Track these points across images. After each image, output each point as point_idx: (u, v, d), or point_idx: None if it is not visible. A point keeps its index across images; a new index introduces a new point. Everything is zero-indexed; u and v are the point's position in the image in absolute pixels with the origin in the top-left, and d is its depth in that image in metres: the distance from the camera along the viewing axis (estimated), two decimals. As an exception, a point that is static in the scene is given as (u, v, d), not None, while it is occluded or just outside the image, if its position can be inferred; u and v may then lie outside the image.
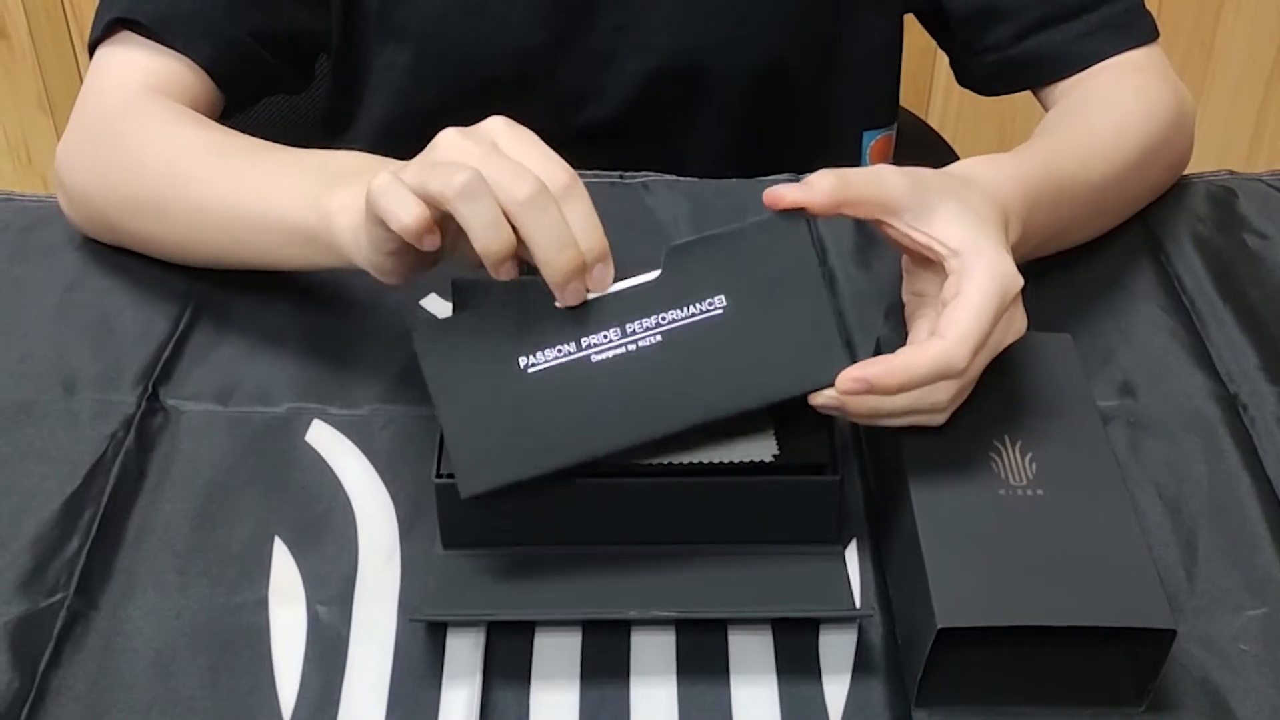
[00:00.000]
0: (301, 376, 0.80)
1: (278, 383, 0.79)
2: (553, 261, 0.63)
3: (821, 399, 0.66)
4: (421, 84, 0.99)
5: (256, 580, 0.68)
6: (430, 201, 0.63)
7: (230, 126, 1.16)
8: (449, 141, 0.66)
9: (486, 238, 0.62)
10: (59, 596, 0.67)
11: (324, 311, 0.84)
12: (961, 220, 0.68)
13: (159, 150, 0.83)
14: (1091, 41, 0.93)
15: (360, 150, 1.03)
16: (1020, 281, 0.67)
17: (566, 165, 0.65)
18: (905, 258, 0.73)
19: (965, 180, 0.72)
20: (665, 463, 0.68)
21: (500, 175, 0.63)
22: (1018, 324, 0.68)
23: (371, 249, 0.68)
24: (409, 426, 0.76)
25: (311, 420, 0.77)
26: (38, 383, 0.79)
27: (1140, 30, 0.94)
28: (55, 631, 0.66)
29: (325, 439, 0.76)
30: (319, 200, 0.73)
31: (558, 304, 0.65)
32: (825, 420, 0.70)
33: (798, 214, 0.67)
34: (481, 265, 0.65)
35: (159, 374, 0.79)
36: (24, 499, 0.72)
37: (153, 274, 0.86)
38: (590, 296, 0.65)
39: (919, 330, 0.70)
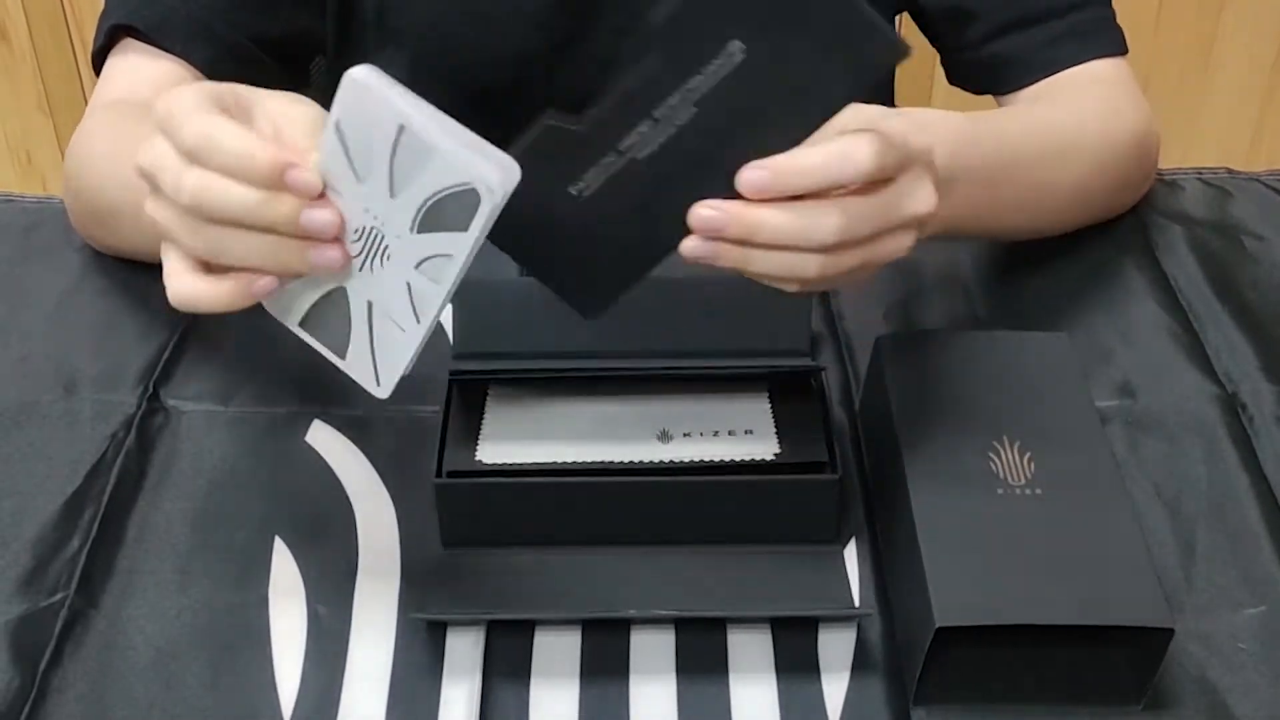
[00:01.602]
0: (302, 377, 0.80)
1: (278, 383, 0.79)
2: (262, 222, 0.58)
3: (695, 219, 0.60)
4: (418, 89, 0.98)
5: (257, 579, 0.69)
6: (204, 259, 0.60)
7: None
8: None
9: (274, 258, 0.59)
10: (60, 596, 0.67)
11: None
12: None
13: (94, 165, 0.84)
14: (1056, 48, 0.92)
15: None
16: (918, 144, 0.62)
17: (186, 126, 0.58)
18: None
19: (906, 112, 0.70)
20: (666, 462, 0.68)
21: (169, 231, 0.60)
22: (921, 194, 0.62)
23: None
24: (409, 426, 0.76)
25: (312, 420, 0.77)
26: (38, 383, 0.79)
27: (1107, 41, 0.93)
28: (56, 631, 0.66)
29: (325, 439, 0.76)
30: None
31: (319, 238, 0.59)
32: (824, 419, 0.71)
33: None
34: None
35: (159, 374, 0.80)
36: (25, 499, 0.72)
37: (153, 275, 0.86)
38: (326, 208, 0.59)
39: None
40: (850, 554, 0.70)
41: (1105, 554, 0.63)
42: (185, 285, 0.61)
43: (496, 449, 0.69)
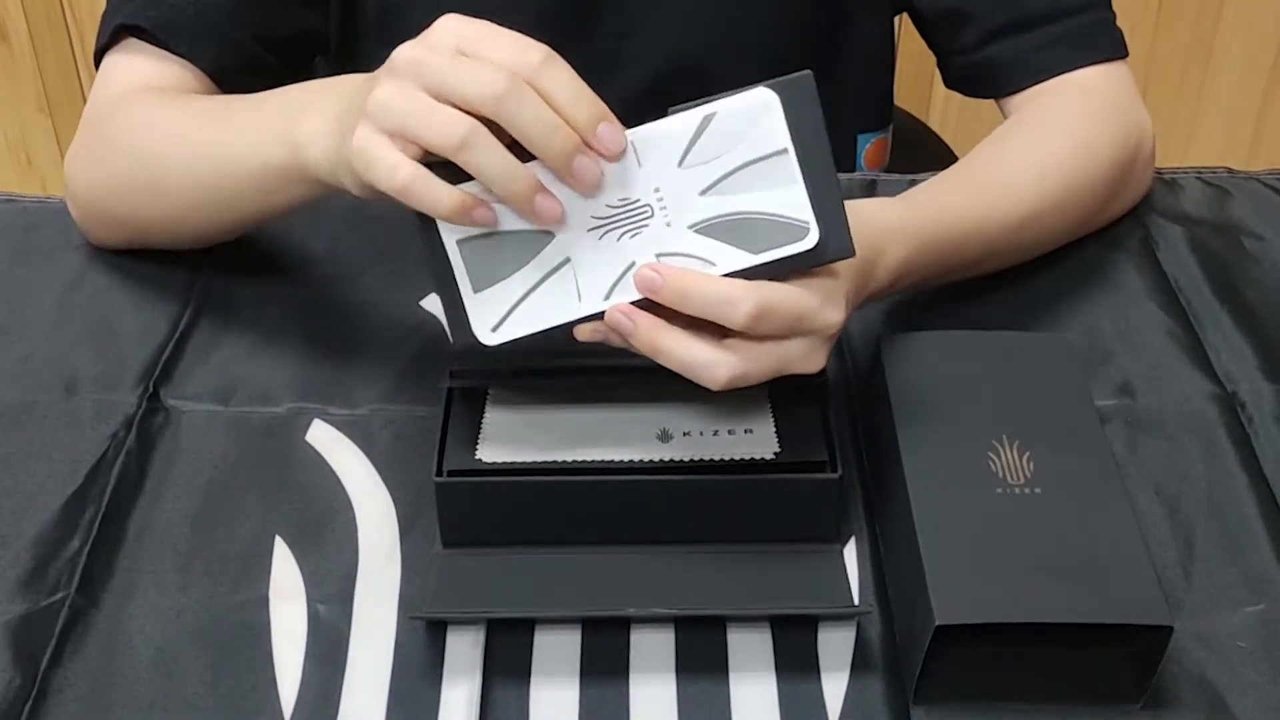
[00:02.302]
0: (302, 376, 0.80)
1: (278, 382, 0.79)
2: (549, 148, 0.61)
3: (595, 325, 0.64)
4: None
5: (257, 579, 0.69)
6: (428, 149, 0.62)
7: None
8: (408, 59, 0.64)
9: (507, 185, 0.61)
10: (60, 595, 0.67)
11: (324, 311, 0.85)
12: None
13: (145, 132, 0.84)
14: (1051, 53, 0.92)
15: None
16: (832, 323, 0.65)
17: (535, 42, 0.63)
18: None
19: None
20: (666, 461, 0.68)
21: (467, 83, 0.61)
22: (813, 357, 0.65)
23: (359, 188, 0.67)
24: (409, 426, 0.76)
25: (312, 420, 0.77)
26: (39, 383, 0.79)
27: (1105, 45, 0.92)
28: (57, 630, 0.66)
29: (326, 438, 0.76)
30: (288, 135, 0.72)
31: (574, 187, 0.62)
32: (824, 418, 0.71)
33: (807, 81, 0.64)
34: None
35: (159, 374, 0.80)
36: (25, 498, 0.72)
37: (153, 274, 0.87)
38: (604, 166, 0.63)
39: None
40: (850, 553, 0.70)
41: (1104, 553, 0.63)
42: (411, 174, 0.62)
43: (497, 449, 0.69)
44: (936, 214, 0.78)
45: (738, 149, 0.63)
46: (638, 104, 0.99)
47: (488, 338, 0.64)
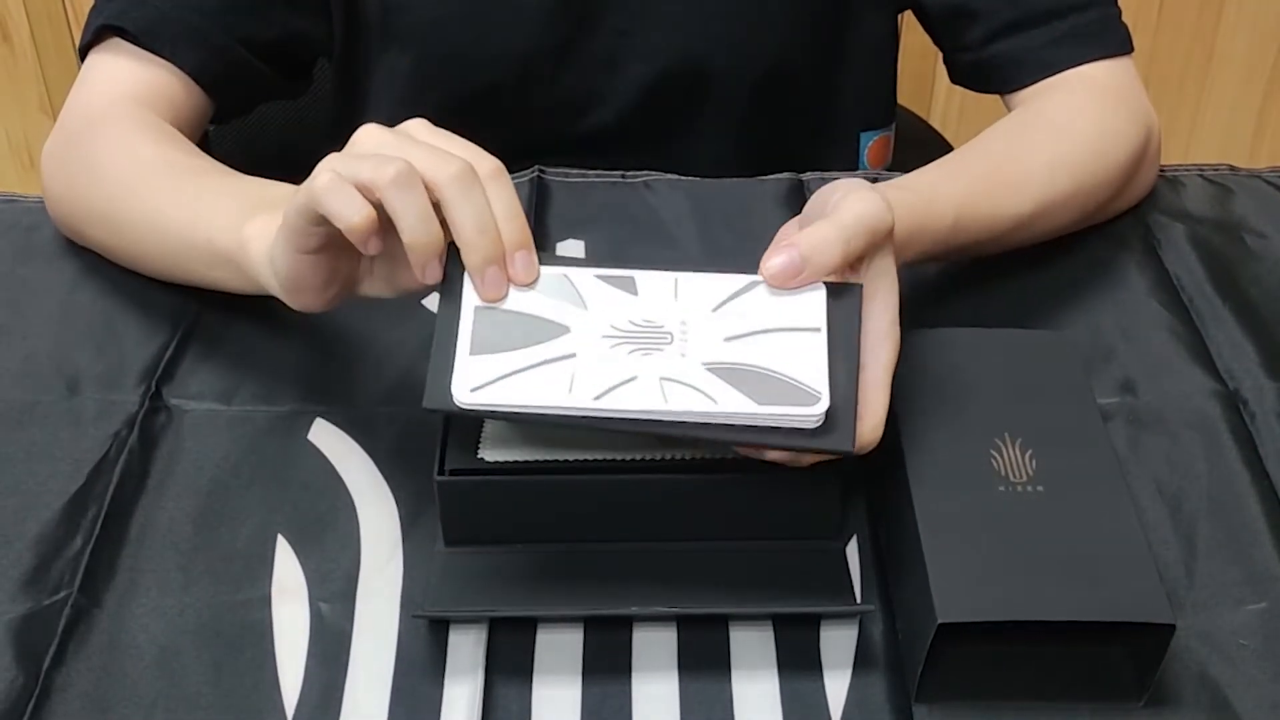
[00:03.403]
0: (304, 376, 0.80)
1: (280, 382, 0.80)
2: (474, 243, 0.63)
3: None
4: (424, 90, 0.99)
5: (259, 578, 0.69)
6: (363, 190, 0.62)
7: (233, 132, 1.17)
8: (369, 134, 0.65)
9: (416, 230, 0.62)
10: (63, 594, 0.67)
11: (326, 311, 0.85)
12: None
13: (118, 163, 0.84)
14: (1057, 49, 0.92)
15: None
16: (890, 218, 0.65)
17: (491, 156, 0.64)
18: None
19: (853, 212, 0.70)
20: (668, 458, 0.68)
21: (426, 159, 0.63)
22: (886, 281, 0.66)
23: (286, 264, 0.67)
24: (411, 425, 0.76)
25: (314, 419, 0.77)
26: (41, 382, 0.79)
27: (1110, 41, 0.93)
28: (59, 629, 0.66)
29: (327, 437, 0.76)
30: (239, 226, 0.73)
31: (480, 292, 0.64)
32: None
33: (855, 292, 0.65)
34: (398, 293, 0.66)
35: (162, 373, 0.80)
36: (28, 498, 0.72)
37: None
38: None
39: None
40: (852, 551, 0.70)
41: (1106, 551, 0.63)
42: (330, 179, 0.63)
43: (499, 448, 0.69)
44: (946, 210, 0.77)
45: (774, 314, 0.64)
46: (641, 100, 1.00)
47: (464, 397, 0.61)
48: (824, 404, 0.61)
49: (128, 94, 0.88)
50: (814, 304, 0.64)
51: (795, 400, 0.61)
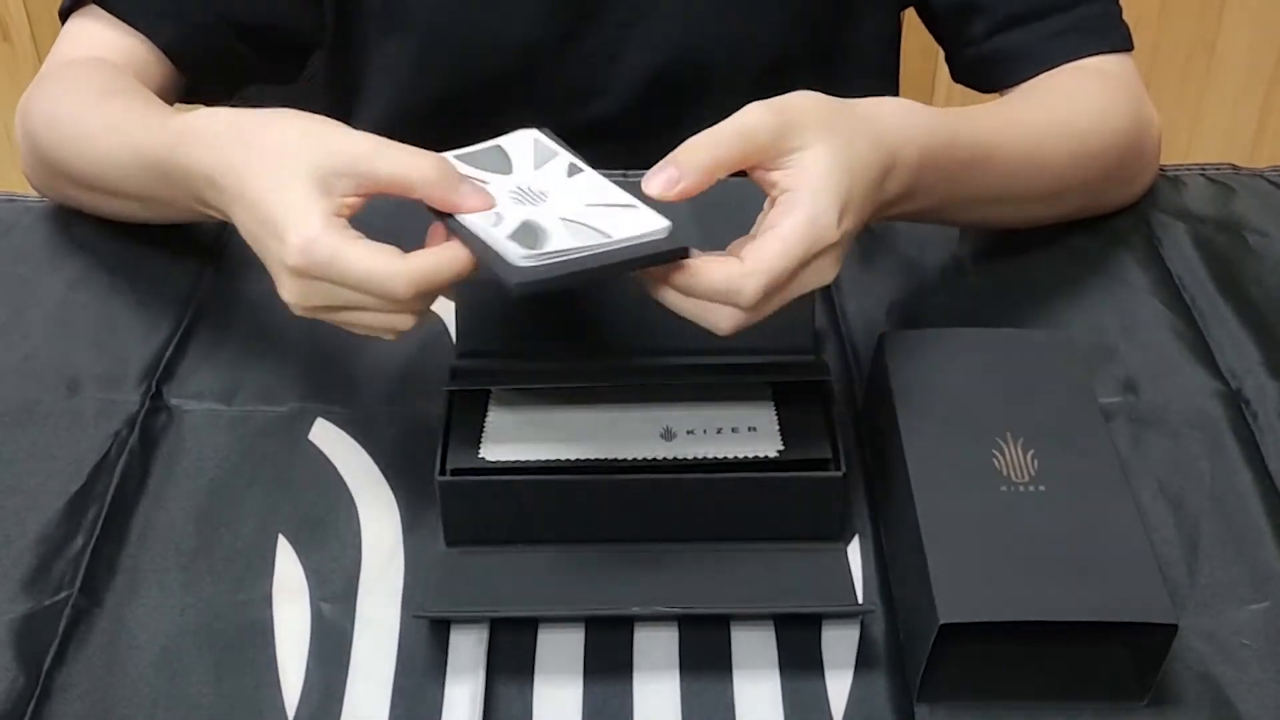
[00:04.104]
0: (305, 375, 0.80)
1: (281, 381, 0.79)
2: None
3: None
4: (425, 78, 0.99)
5: (260, 578, 0.69)
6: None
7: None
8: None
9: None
10: (64, 594, 0.67)
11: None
12: (817, 165, 0.66)
13: (66, 102, 0.85)
14: (1060, 42, 0.92)
15: None
16: (834, 236, 0.64)
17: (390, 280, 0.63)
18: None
19: (863, 117, 0.70)
20: (669, 459, 0.68)
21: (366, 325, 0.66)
22: (824, 273, 0.65)
23: None
24: (412, 424, 0.76)
25: (315, 419, 0.77)
26: (42, 382, 0.79)
27: (1112, 36, 0.93)
28: (60, 629, 0.66)
29: (328, 437, 0.76)
30: (166, 125, 0.74)
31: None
32: (827, 416, 0.71)
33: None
34: None
35: (162, 373, 0.80)
36: (28, 498, 0.72)
37: (156, 273, 0.87)
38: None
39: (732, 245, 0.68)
40: (854, 551, 0.70)
41: (1108, 550, 0.63)
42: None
43: (500, 448, 0.69)
44: (950, 136, 0.76)
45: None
46: (643, 92, 1.00)
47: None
48: (665, 221, 0.64)
49: (96, 55, 0.88)
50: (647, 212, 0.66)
51: (643, 227, 0.64)
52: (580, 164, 0.70)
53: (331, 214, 0.63)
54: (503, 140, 0.71)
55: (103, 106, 0.82)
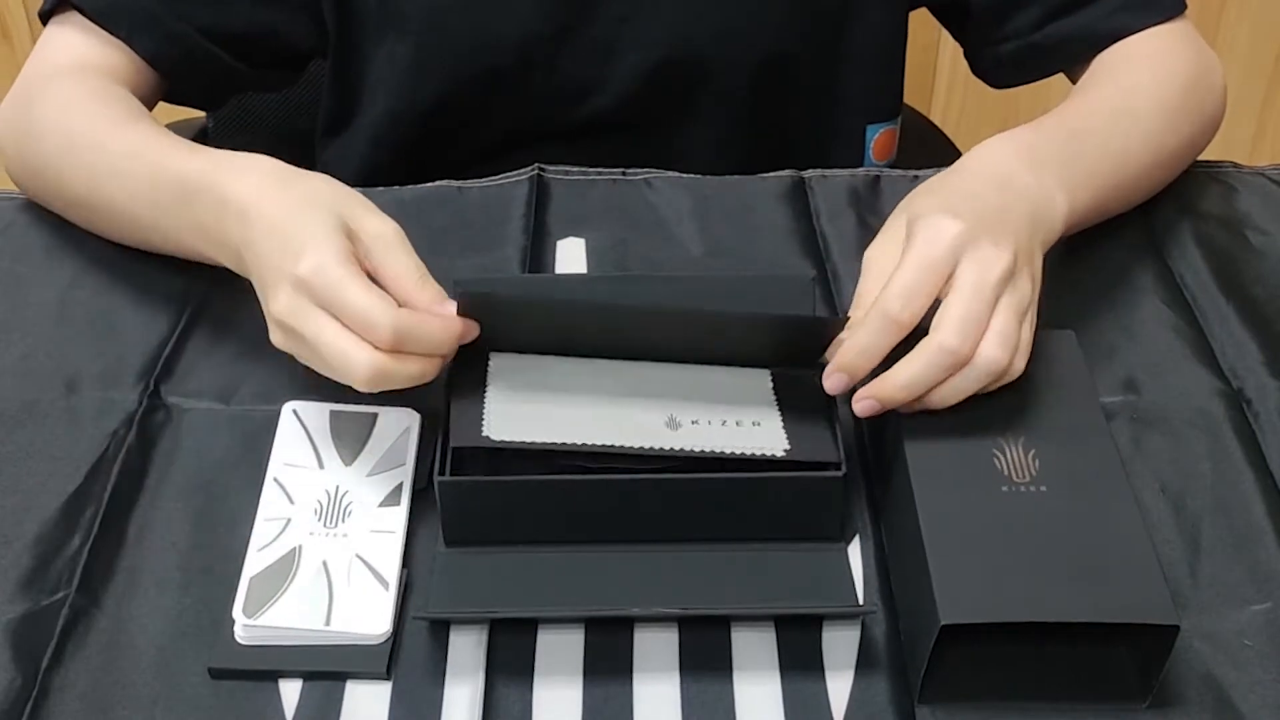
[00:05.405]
0: (303, 374, 0.79)
1: (279, 381, 0.79)
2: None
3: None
4: (424, 76, 0.99)
5: (259, 578, 0.68)
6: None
7: (222, 122, 1.17)
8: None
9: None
10: (61, 595, 0.67)
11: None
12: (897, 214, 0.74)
13: (61, 118, 0.85)
14: (1117, 19, 0.94)
15: (360, 149, 1.03)
16: (951, 226, 0.68)
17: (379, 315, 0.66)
18: None
19: (960, 169, 0.76)
20: (674, 449, 0.67)
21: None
22: (989, 265, 0.68)
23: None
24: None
25: (313, 418, 0.77)
26: (40, 381, 0.79)
27: (1165, 4, 0.95)
28: (57, 630, 0.66)
29: (327, 437, 0.76)
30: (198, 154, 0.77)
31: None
32: (830, 416, 0.70)
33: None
34: None
35: (160, 372, 0.79)
36: (26, 497, 0.72)
37: (154, 272, 0.86)
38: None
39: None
40: (854, 551, 0.70)
41: (1110, 551, 0.63)
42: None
43: (504, 425, 0.68)
44: (1041, 123, 0.83)
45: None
46: (640, 87, 1.00)
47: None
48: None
49: (80, 62, 0.89)
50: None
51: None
52: None
53: (350, 253, 0.68)
54: None
55: (123, 127, 0.83)
